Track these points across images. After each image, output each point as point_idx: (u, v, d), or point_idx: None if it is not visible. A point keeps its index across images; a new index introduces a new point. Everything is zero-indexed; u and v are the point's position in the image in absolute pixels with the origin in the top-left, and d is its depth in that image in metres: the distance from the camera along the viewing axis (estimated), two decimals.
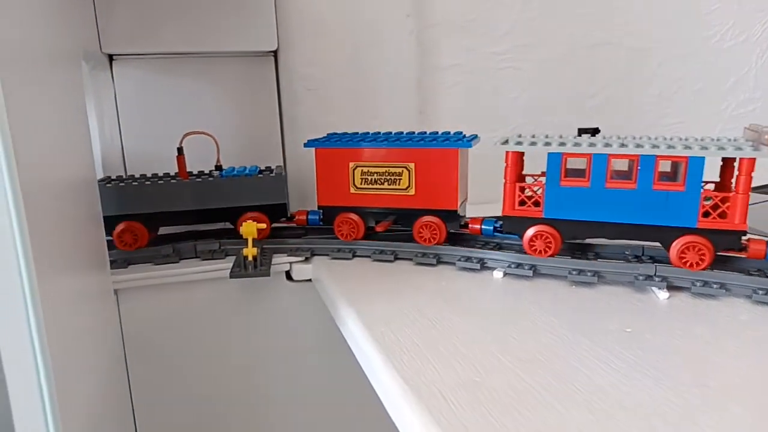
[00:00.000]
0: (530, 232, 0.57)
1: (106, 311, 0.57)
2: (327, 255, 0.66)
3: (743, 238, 0.52)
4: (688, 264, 0.52)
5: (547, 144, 0.55)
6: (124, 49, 0.71)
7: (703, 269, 0.52)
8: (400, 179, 0.62)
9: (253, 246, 0.61)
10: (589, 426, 0.32)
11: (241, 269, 0.60)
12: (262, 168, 0.70)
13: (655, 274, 0.52)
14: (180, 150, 0.66)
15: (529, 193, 0.58)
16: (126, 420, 0.63)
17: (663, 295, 0.50)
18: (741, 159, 0.50)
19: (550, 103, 0.94)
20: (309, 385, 0.70)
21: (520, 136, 0.58)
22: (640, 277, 0.52)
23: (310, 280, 0.66)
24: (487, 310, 0.50)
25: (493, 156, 0.59)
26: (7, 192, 0.34)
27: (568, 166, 0.55)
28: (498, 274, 0.58)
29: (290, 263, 0.65)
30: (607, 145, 0.53)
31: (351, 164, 0.63)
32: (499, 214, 0.59)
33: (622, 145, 0.53)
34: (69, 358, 0.41)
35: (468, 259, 0.60)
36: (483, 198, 0.70)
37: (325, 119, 0.80)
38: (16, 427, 0.36)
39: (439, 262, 0.62)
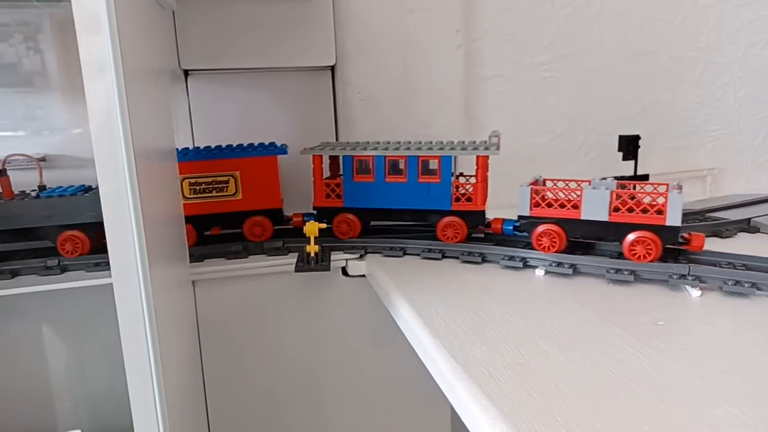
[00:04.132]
0: (336, 219, 0.72)
1: (187, 298, 0.65)
2: (380, 253, 0.71)
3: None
4: (447, 238, 0.69)
5: (342, 149, 0.71)
6: (199, 65, 0.79)
7: (459, 242, 0.68)
8: (227, 186, 0.71)
9: (314, 244, 0.67)
10: (621, 402, 0.37)
11: (305, 264, 0.66)
12: (95, 186, 0.70)
13: (688, 273, 0.56)
14: (3, 171, 0.67)
15: (333, 188, 0.72)
16: (199, 391, 0.71)
17: (695, 293, 0.54)
18: (477, 156, 0.68)
19: (591, 110, 0.98)
20: (362, 368, 0.76)
21: (326, 143, 0.75)
22: (674, 276, 0.56)
23: (363, 275, 0.71)
24: (529, 303, 0.55)
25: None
26: (128, 191, 0.41)
27: (359, 166, 0.70)
28: (539, 272, 0.62)
29: (346, 260, 0.71)
30: (385, 149, 0.69)
31: (179, 177, 0.69)
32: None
33: (396, 149, 0.70)
34: (168, 333, 0.48)
35: (511, 258, 0.65)
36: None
37: (377, 127, 0.86)
38: (129, 385, 0.43)
39: (484, 260, 0.67)
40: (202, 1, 0.77)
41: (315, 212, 0.73)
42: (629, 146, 0.90)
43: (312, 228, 0.66)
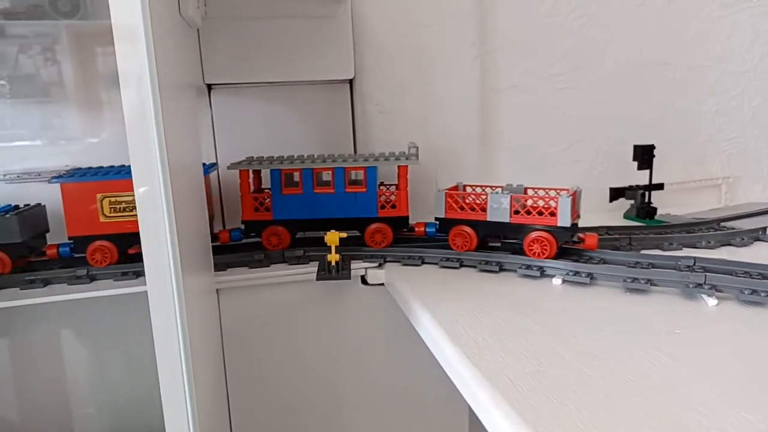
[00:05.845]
0: (265, 232, 0.73)
1: (212, 306, 0.67)
2: (398, 262, 0.73)
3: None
4: (375, 243, 0.73)
5: (269, 164, 0.73)
6: (222, 79, 0.82)
7: (385, 246, 0.73)
8: None
9: (336, 253, 0.69)
10: (637, 406, 0.38)
11: (326, 273, 0.68)
12: (22, 206, 0.72)
13: (704, 283, 0.56)
14: None
15: (261, 201, 0.74)
16: (222, 398, 0.72)
17: (712, 301, 0.55)
18: (398, 166, 0.73)
19: (605, 120, 0.99)
20: (381, 375, 0.77)
21: (251, 158, 0.77)
22: (691, 285, 0.57)
23: (382, 284, 0.73)
24: (547, 311, 0.56)
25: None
26: (163, 201, 0.43)
27: (287, 179, 0.73)
28: (557, 281, 0.63)
29: (366, 269, 0.73)
30: (312, 162, 0.73)
31: (98, 195, 0.68)
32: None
33: (323, 162, 0.73)
34: (197, 340, 0.50)
35: (528, 267, 0.66)
36: None
37: (395, 139, 0.88)
38: (162, 391, 0.45)
39: (502, 269, 0.68)
40: (225, 19, 0.80)
41: (243, 226, 0.74)
42: (644, 155, 0.91)
43: (333, 237, 0.68)
